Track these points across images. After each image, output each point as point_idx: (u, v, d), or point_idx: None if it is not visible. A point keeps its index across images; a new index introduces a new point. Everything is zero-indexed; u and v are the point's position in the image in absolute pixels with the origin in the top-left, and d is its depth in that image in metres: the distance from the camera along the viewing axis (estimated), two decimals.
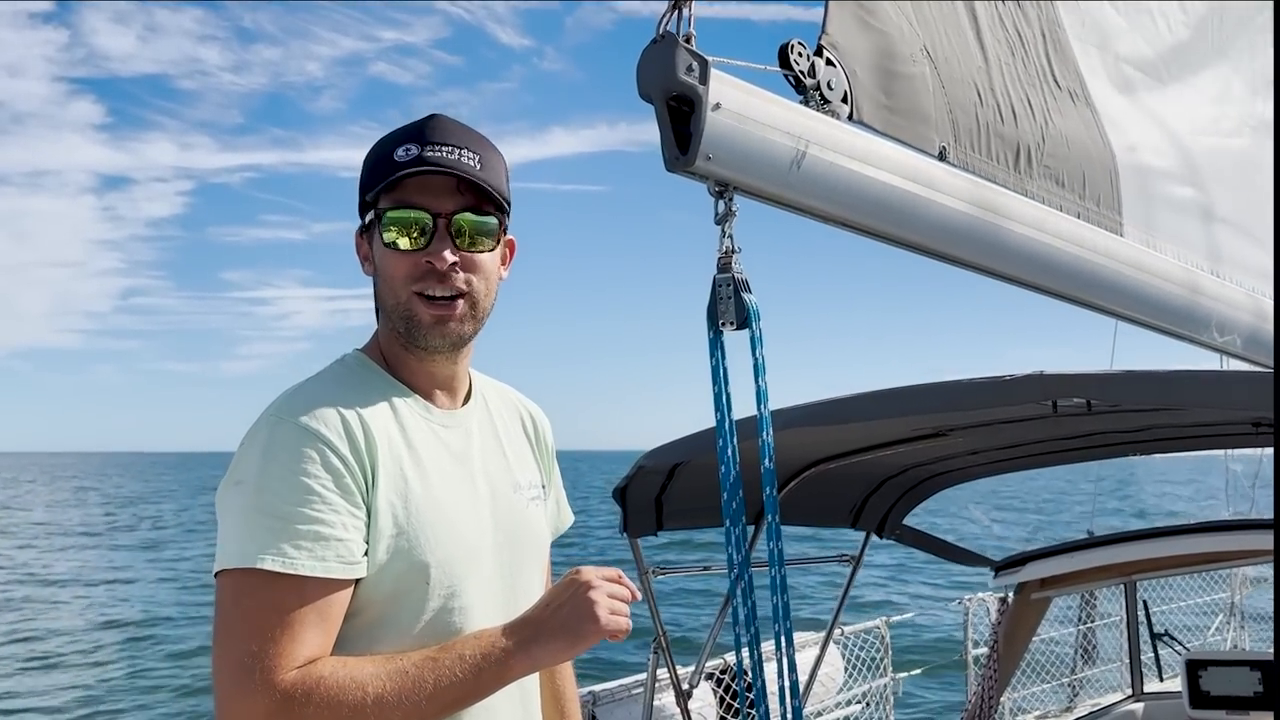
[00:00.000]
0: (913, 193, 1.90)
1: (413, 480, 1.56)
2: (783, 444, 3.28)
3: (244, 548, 1.44)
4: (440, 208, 1.59)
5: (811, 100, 1.82)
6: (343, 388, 1.59)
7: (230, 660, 1.40)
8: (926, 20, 2.11)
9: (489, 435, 1.76)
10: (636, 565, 4.00)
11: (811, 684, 4.66)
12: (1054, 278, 2.21)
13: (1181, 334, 2.54)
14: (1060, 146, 2.30)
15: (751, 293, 1.79)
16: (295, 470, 1.46)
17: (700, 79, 1.60)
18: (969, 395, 2.63)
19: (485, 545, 1.65)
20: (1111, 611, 6.11)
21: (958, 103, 2.10)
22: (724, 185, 1.67)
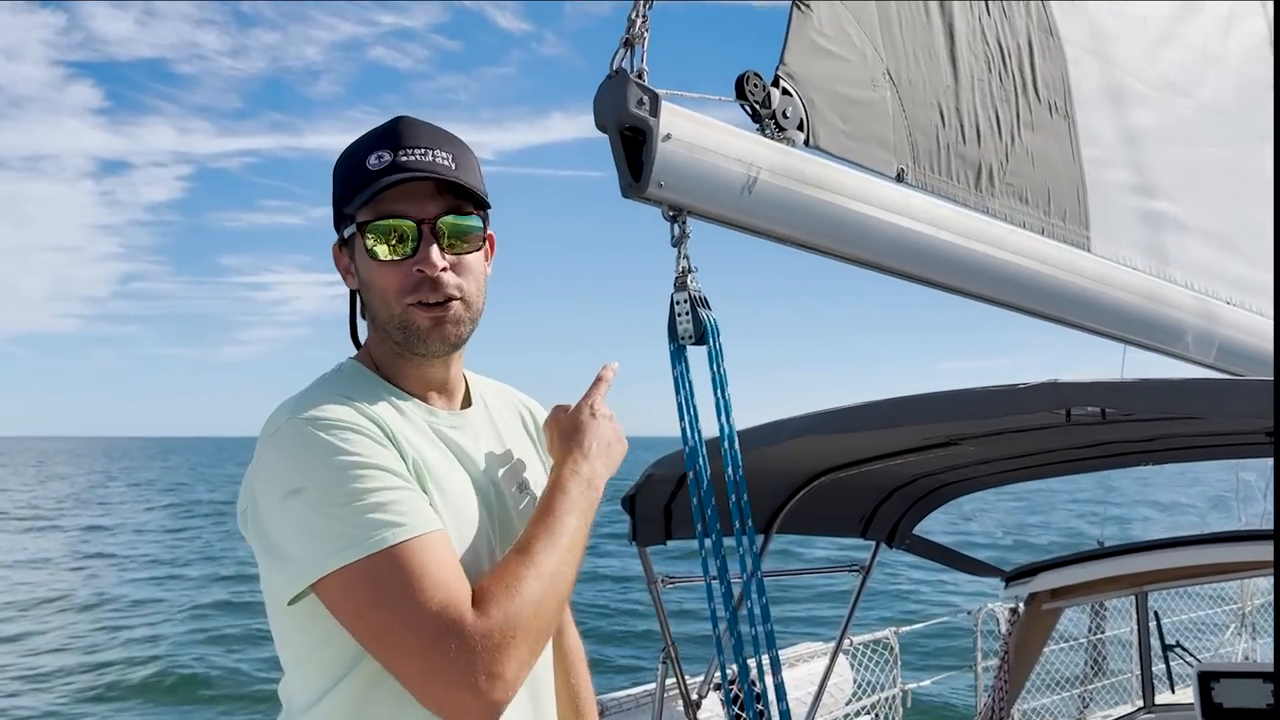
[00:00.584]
0: (867, 214, 1.98)
1: (427, 483, 1.55)
2: (793, 453, 3.33)
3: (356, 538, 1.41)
4: (423, 213, 1.55)
5: (767, 128, 1.92)
6: (344, 391, 1.58)
7: (416, 634, 1.38)
8: (894, 43, 2.20)
9: (492, 436, 1.76)
10: (646, 575, 4.01)
11: (821, 695, 4.68)
12: (1016, 293, 2.28)
13: (1153, 346, 2.59)
14: (1025, 164, 2.37)
15: (710, 309, 1.88)
16: (351, 454, 1.46)
17: (651, 111, 1.71)
18: (981, 404, 2.62)
19: (496, 545, 1.64)
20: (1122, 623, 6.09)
21: (918, 125, 2.18)
22: (677, 210, 1.77)
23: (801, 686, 4.86)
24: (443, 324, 1.58)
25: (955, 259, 2.14)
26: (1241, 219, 2.94)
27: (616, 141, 1.72)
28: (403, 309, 1.57)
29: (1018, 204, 2.33)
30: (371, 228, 1.55)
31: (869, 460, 3.72)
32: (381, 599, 1.40)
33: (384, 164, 1.54)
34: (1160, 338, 2.62)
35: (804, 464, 3.74)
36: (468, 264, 1.60)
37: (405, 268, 1.56)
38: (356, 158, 1.58)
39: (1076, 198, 2.48)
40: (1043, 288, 2.30)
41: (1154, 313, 2.58)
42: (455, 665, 1.37)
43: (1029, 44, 2.43)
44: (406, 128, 1.59)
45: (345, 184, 1.59)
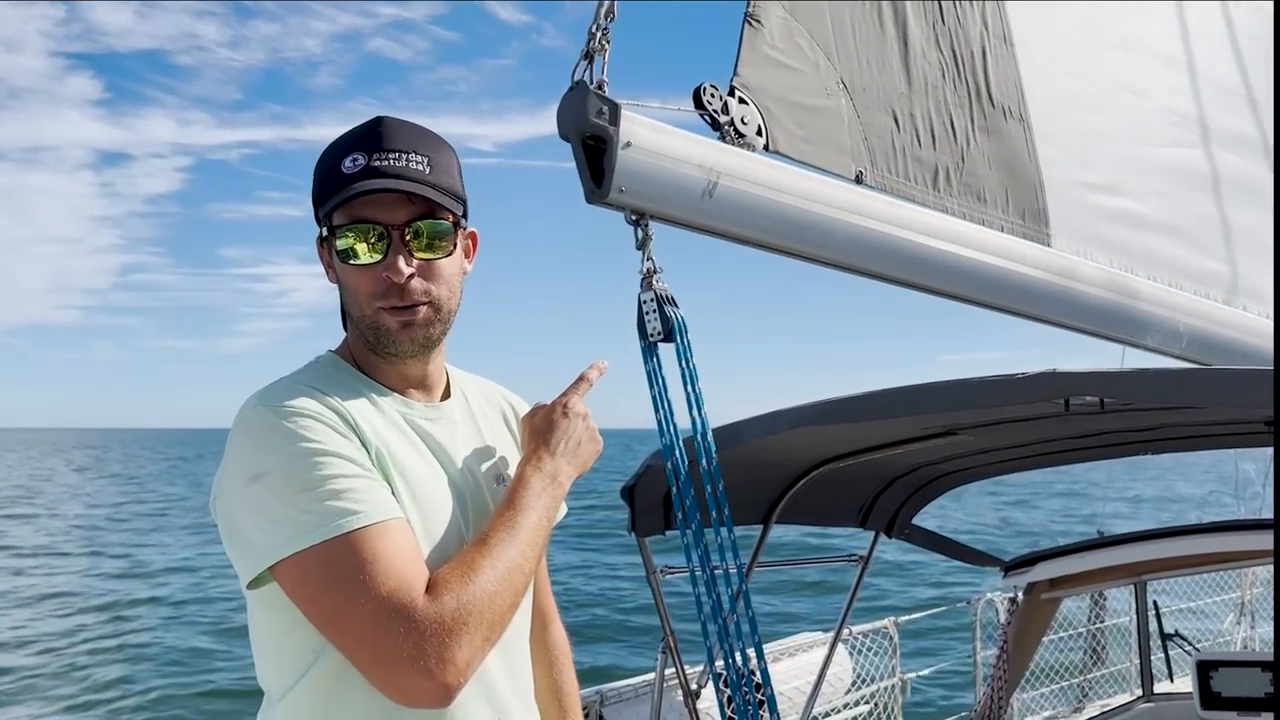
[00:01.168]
0: (827, 215, 2.10)
1: (392, 475, 1.57)
2: (791, 443, 3.40)
3: (312, 524, 1.44)
4: (392, 219, 1.57)
5: (726, 135, 2.03)
6: (317, 382, 1.60)
7: (367, 619, 1.40)
8: (847, 53, 2.31)
9: (470, 429, 1.78)
10: (645, 565, 4.06)
11: (820, 684, 4.75)
12: (978, 289, 2.39)
13: (1119, 339, 2.68)
14: (981, 165, 2.47)
15: (677, 307, 2.00)
16: (312, 441, 1.48)
17: (611, 121, 1.83)
18: (980, 394, 2.63)
19: (463, 537, 1.63)
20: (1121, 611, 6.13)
21: (874, 130, 2.29)
22: (639, 214, 1.89)
23: (800, 676, 4.94)
24: (411, 327, 1.61)
25: (915, 256, 2.25)
26: (1198, 213, 3.03)
27: (579, 150, 1.84)
28: (373, 311, 1.60)
29: (975, 203, 2.44)
30: (342, 232, 1.58)
31: (868, 450, 3.76)
32: (335, 583, 1.42)
33: (358, 168, 1.55)
34: (1126, 330, 2.72)
35: (803, 454, 3.79)
36: (438, 268, 1.62)
37: (375, 272, 1.58)
38: (333, 159, 1.59)
39: (1035, 196, 2.58)
40: (1004, 282, 2.40)
41: (1118, 305, 2.68)
42: (405, 649, 1.39)
43: (982, 51, 2.54)
44: (385, 130, 1.60)
45: (322, 185, 1.60)
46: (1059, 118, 2.77)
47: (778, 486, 4.02)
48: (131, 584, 22.56)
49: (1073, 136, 2.76)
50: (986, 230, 2.39)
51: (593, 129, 1.82)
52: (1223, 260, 3.01)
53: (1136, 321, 2.72)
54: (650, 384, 2.11)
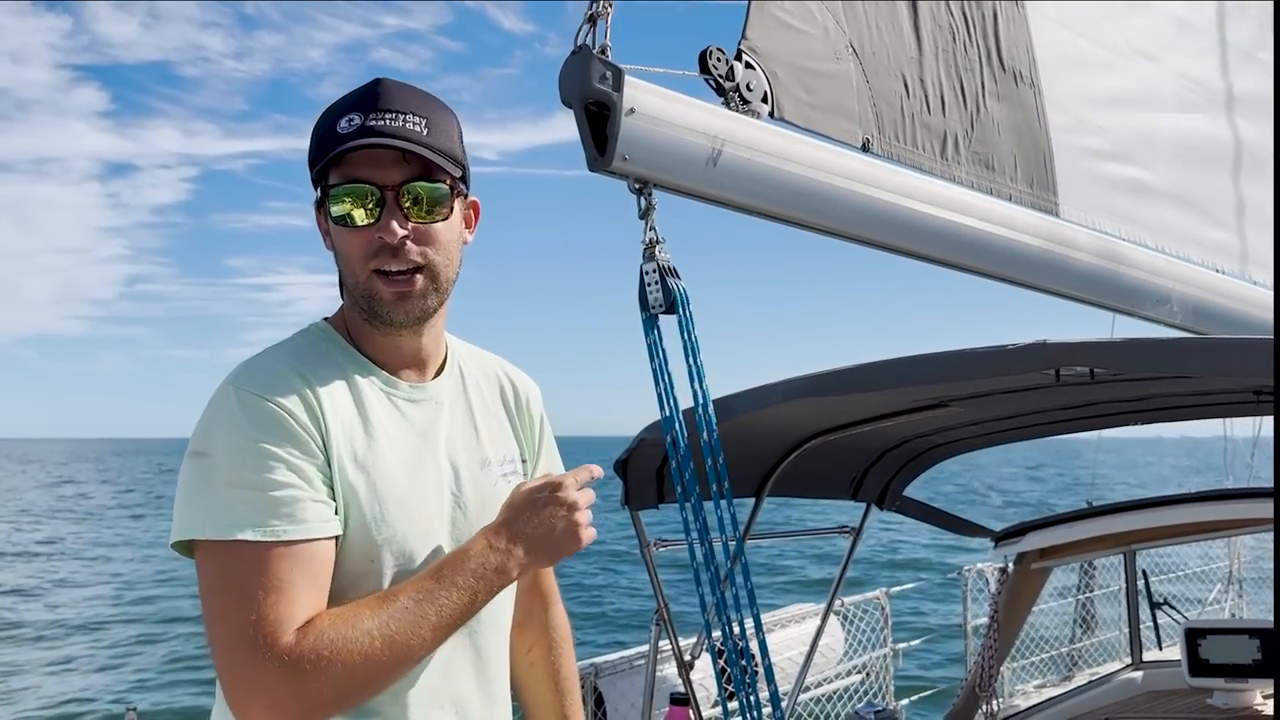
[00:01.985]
0: (830, 183, 2.04)
1: (364, 456, 1.53)
2: (782, 416, 3.38)
3: (220, 520, 1.42)
4: (387, 179, 1.51)
5: (731, 101, 1.97)
6: (300, 359, 1.56)
7: (229, 634, 1.39)
8: (856, 16, 2.24)
9: (460, 410, 1.71)
10: (638, 538, 4.05)
11: (812, 655, 4.76)
12: (984, 259, 2.34)
13: (1121, 308, 2.64)
14: (990, 132, 2.42)
15: (679, 278, 1.94)
16: (259, 438, 1.44)
17: (614, 86, 1.76)
18: (971, 365, 2.61)
19: (442, 524, 1.60)
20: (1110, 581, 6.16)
21: (883, 96, 2.23)
22: (642, 182, 1.83)
23: (793, 647, 4.94)
24: (407, 298, 1.56)
25: (922, 226, 2.20)
26: (1208, 183, 2.98)
27: (581, 116, 1.78)
28: (366, 276, 1.55)
29: (984, 171, 2.38)
30: (335, 192, 1.53)
31: (859, 423, 3.75)
32: (217, 588, 1.41)
33: (353, 127, 1.51)
34: (1130, 300, 2.68)
35: (794, 427, 3.77)
36: (434, 233, 1.56)
37: (368, 234, 1.53)
38: (331, 120, 1.54)
39: (1043, 164, 2.53)
40: (1010, 253, 2.35)
41: (1124, 275, 2.64)
42: (253, 679, 1.37)
43: (993, 13, 2.48)
44: (382, 90, 1.55)
45: (318, 146, 1.56)
46: (1070, 82, 2.71)
47: (770, 460, 4.00)
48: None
49: (1083, 102, 2.71)
50: (993, 199, 2.34)
51: (595, 95, 1.75)
52: (1232, 231, 2.97)
53: (1139, 292, 2.69)
54: (651, 357, 2.07)
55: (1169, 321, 2.73)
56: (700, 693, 4.61)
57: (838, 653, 5.40)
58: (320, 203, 1.58)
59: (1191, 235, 2.89)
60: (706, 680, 4.91)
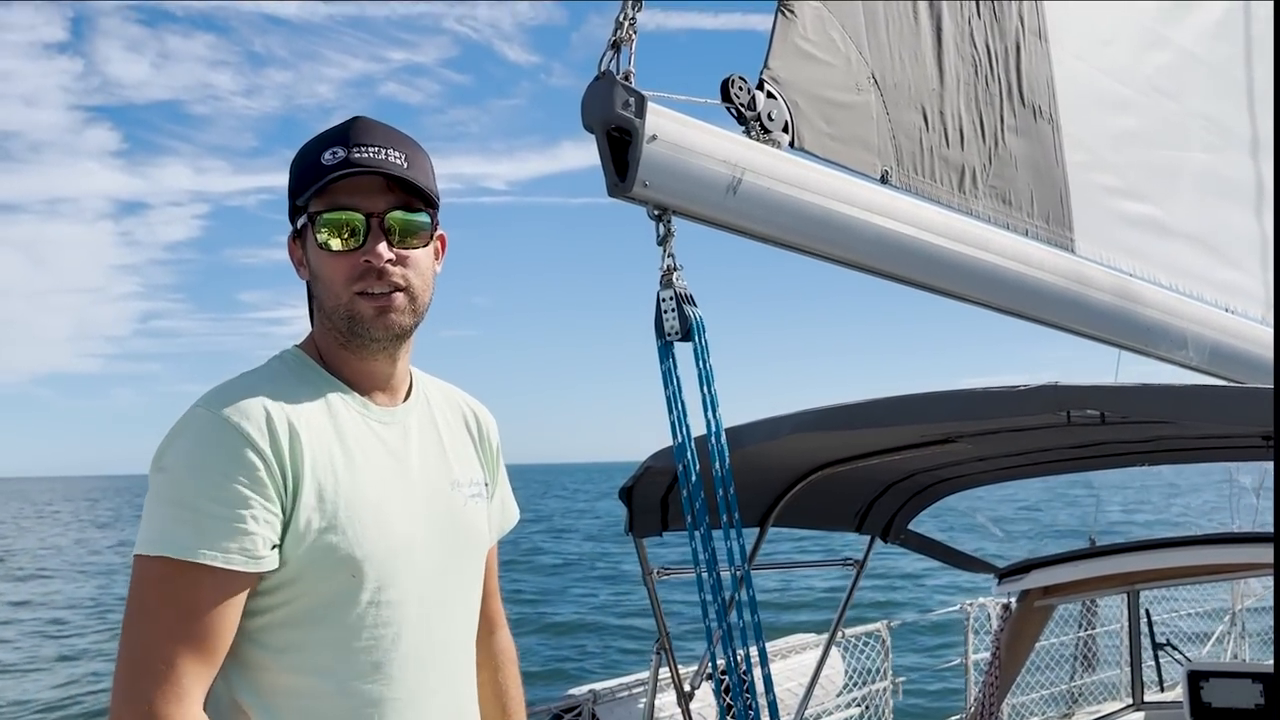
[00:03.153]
0: (849, 215, 2.03)
1: (343, 475, 1.57)
2: (790, 448, 3.36)
3: (154, 535, 1.47)
4: (372, 207, 1.60)
5: (752, 130, 1.96)
6: (275, 383, 1.60)
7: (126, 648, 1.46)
8: (879, 47, 2.24)
9: (429, 432, 1.76)
10: (641, 566, 4.04)
11: (813, 686, 4.72)
12: (1002, 295, 2.33)
13: (1139, 349, 2.63)
14: (1008, 167, 2.41)
15: (696, 306, 1.93)
16: (209, 462, 1.49)
17: (637, 113, 1.75)
18: (982, 405, 2.60)
19: (418, 541, 1.64)
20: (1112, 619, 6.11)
21: (902, 128, 2.22)
22: (661, 209, 1.82)
23: (794, 678, 4.89)
24: (386, 313, 1.61)
25: (939, 260, 2.19)
26: (1223, 222, 2.97)
27: (603, 142, 1.77)
28: (349, 297, 1.60)
29: (1001, 206, 2.37)
30: (324, 219, 1.59)
31: (866, 456, 3.74)
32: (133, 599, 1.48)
33: (337, 159, 1.58)
34: (1146, 340, 2.66)
35: (801, 459, 3.76)
36: (415, 259, 1.63)
37: (354, 258, 1.59)
38: (312, 154, 1.62)
39: (1060, 200, 2.52)
40: (1027, 289, 2.34)
41: (1139, 315, 2.62)
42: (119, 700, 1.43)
43: (1016, 47, 2.47)
44: (362, 126, 1.64)
45: (300, 177, 1.63)
46: (1089, 119, 2.70)
47: (775, 490, 3.98)
48: None
49: (1101, 138, 2.70)
50: (1012, 235, 2.33)
51: (618, 120, 1.75)
52: (1247, 272, 2.96)
53: (1155, 331, 2.67)
54: (665, 384, 2.06)
55: (1185, 364, 2.72)
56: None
57: (838, 684, 5.35)
58: (298, 232, 1.66)
59: (1204, 275, 2.88)
60: (706, 710, 4.87)
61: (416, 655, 1.62)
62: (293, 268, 1.77)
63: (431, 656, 1.64)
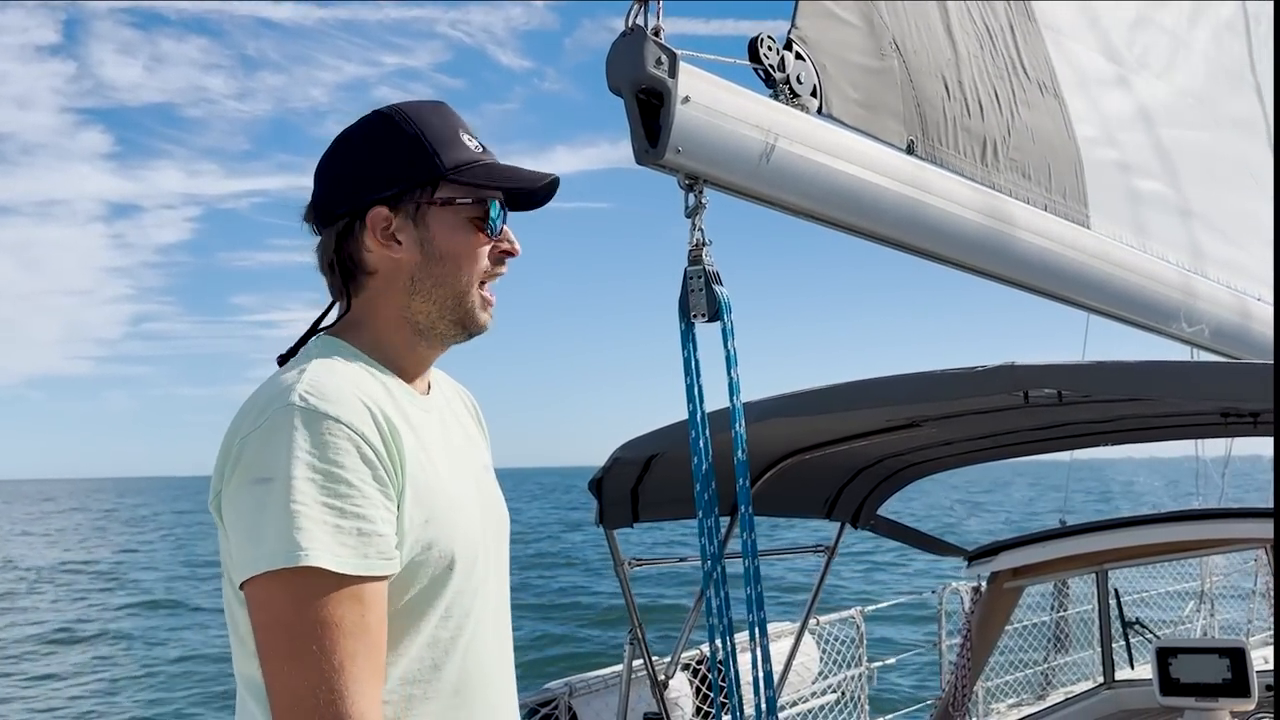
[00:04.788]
0: (882, 186, 1.92)
1: (427, 467, 1.52)
2: (757, 435, 3.30)
3: (291, 549, 1.33)
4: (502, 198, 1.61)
5: (781, 94, 1.84)
6: (353, 375, 1.53)
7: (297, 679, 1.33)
8: (897, 13, 2.13)
9: (453, 421, 1.74)
10: (612, 557, 3.99)
11: (786, 674, 4.68)
12: (1022, 270, 2.24)
13: (1148, 325, 2.58)
14: (1026, 140, 2.32)
15: (723, 285, 1.81)
16: (330, 462, 1.38)
17: (670, 72, 1.62)
18: (941, 386, 2.63)
19: (481, 525, 1.64)
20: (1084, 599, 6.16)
21: (925, 97, 2.12)
22: (694, 178, 1.69)
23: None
24: (490, 306, 1.62)
25: (966, 236, 2.10)
26: (1221, 200, 2.93)
27: (632, 104, 1.63)
28: (476, 284, 1.59)
29: (1021, 179, 2.29)
30: (494, 204, 1.57)
31: (833, 442, 3.72)
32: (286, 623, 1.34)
33: (480, 149, 1.58)
34: (1158, 318, 2.61)
35: (769, 447, 3.73)
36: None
37: (494, 244, 1.59)
38: (445, 129, 1.58)
39: (1075, 174, 2.45)
40: (1050, 265, 2.27)
41: (1154, 292, 2.57)
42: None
43: (1009, 25, 2.39)
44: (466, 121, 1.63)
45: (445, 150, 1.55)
46: (1089, 96, 2.63)
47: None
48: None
49: (1104, 116, 2.63)
50: (1037, 211, 2.25)
51: (649, 80, 1.61)
52: (1248, 250, 2.92)
53: (1164, 309, 2.62)
54: (686, 371, 1.96)
55: (1192, 340, 2.67)
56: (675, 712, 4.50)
57: (813, 671, 5.31)
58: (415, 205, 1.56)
59: (1209, 253, 2.84)
60: (681, 699, 4.80)
61: (489, 637, 1.61)
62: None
63: (497, 639, 1.65)
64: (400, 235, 1.55)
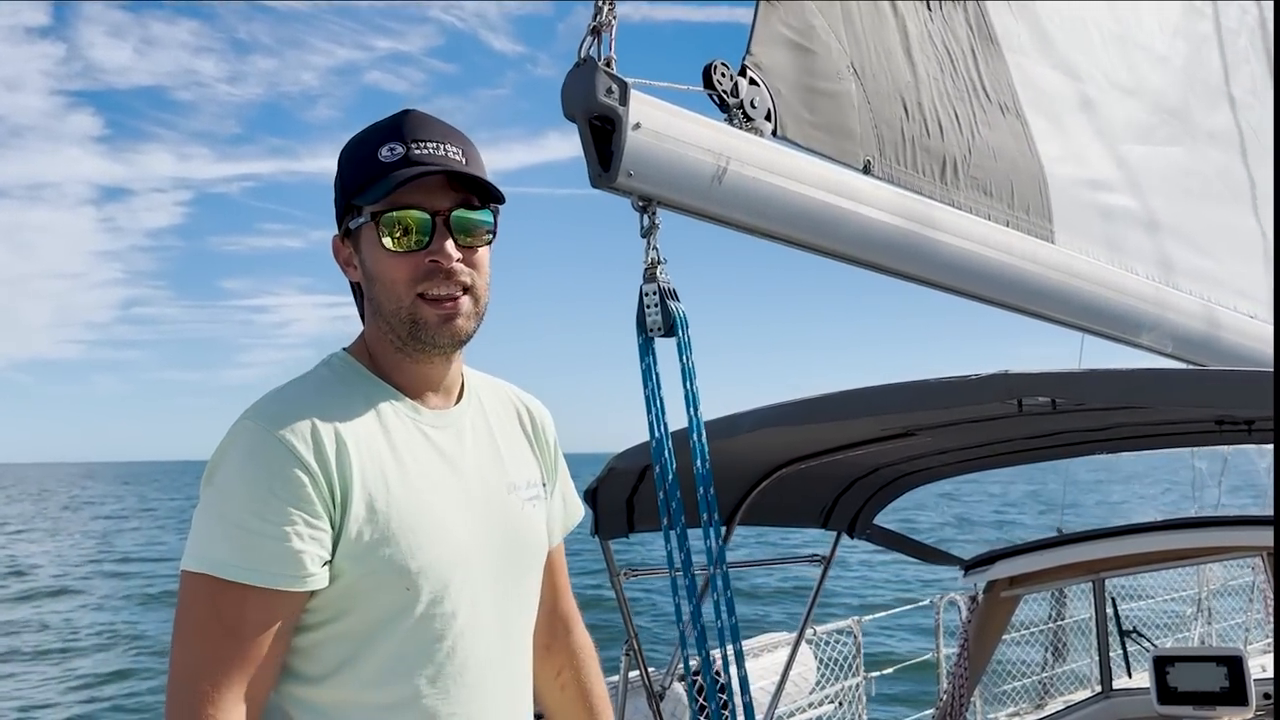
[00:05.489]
0: (834, 205, 1.99)
1: (394, 485, 1.54)
2: (753, 444, 3.34)
3: (199, 551, 1.46)
4: (436, 205, 1.55)
5: (735, 118, 1.91)
6: (322, 393, 1.57)
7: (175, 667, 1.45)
8: (856, 38, 2.20)
9: (483, 435, 1.72)
10: (608, 568, 4.02)
11: (783, 684, 4.71)
12: (983, 284, 2.30)
13: (1115, 336, 2.62)
14: (987, 158, 2.39)
15: (679, 300, 1.88)
16: (256, 478, 1.46)
17: (620, 100, 1.69)
18: (935, 394, 2.60)
19: (474, 549, 1.61)
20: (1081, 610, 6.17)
21: (884, 118, 2.18)
22: (647, 200, 1.76)
23: (765, 676, 4.89)
24: (452, 320, 1.57)
25: (923, 251, 2.16)
26: (1193, 212, 2.98)
27: (585, 131, 1.71)
28: (411, 300, 1.56)
29: (982, 197, 2.35)
30: (385, 219, 1.54)
31: (829, 451, 3.74)
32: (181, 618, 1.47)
33: (396, 156, 1.54)
34: (1123, 329, 2.66)
35: (764, 456, 3.76)
36: (479, 258, 1.59)
37: (417, 259, 1.55)
38: (366, 148, 1.57)
39: (1039, 191, 2.50)
40: (1009, 279, 2.32)
41: (1118, 304, 2.62)
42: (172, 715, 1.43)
43: (970, 49, 2.45)
44: (417, 121, 1.58)
45: (355, 175, 1.57)
46: (1053, 115, 2.69)
47: (740, 489, 3.97)
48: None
49: (1068, 133, 2.69)
50: (995, 226, 2.31)
51: (600, 109, 1.69)
52: (1214, 259, 2.97)
53: (1133, 320, 2.67)
54: (645, 381, 2.02)
55: (1160, 350, 2.72)
56: None
57: (810, 682, 5.34)
58: (350, 232, 1.60)
59: (1178, 264, 2.89)
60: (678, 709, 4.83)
61: (474, 666, 1.59)
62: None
63: (490, 667, 1.62)
64: (354, 260, 1.61)
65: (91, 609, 22.73)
